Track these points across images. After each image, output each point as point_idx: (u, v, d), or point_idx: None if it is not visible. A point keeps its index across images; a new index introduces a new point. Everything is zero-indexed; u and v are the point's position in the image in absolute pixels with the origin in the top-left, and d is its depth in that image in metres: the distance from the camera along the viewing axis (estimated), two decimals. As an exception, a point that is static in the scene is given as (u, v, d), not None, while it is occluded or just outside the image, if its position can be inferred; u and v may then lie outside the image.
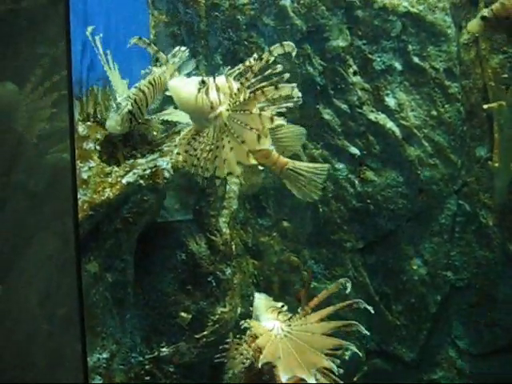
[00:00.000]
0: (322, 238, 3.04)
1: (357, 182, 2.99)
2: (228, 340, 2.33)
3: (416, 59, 2.92)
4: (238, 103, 1.95)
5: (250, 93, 1.93)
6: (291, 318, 2.29)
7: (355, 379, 2.99)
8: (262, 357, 2.10)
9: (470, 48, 2.92)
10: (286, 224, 3.05)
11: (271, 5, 2.94)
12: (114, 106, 2.33)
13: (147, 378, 2.41)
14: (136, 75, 2.50)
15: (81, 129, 2.37)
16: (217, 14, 2.97)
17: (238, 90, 1.96)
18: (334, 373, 2.17)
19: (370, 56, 2.93)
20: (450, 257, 3.01)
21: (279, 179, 2.26)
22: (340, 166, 2.99)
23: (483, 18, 2.43)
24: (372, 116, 2.95)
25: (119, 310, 2.35)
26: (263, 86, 1.91)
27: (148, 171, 2.30)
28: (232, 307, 2.54)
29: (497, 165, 2.84)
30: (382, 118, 2.95)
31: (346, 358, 2.45)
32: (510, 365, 2.98)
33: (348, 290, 2.27)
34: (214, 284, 2.50)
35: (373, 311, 2.18)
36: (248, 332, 2.26)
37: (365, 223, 3.00)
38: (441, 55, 2.91)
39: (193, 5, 2.99)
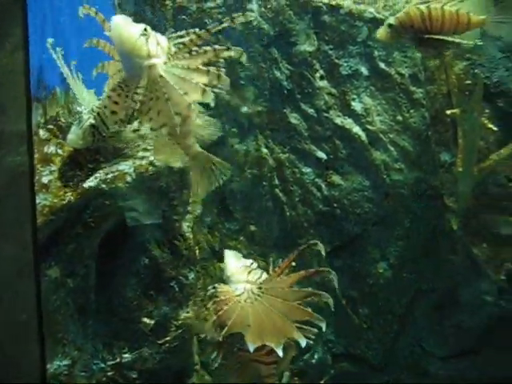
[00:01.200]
0: (289, 242, 3.03)
1: (323, 186, 3.00)
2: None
3: (382, 64, 2.94)
4: (180, 57, 1.97)
5: (191, 52, 1.96)
6: (261, 277, 2.18)
7: (322, 382, 3.00)
8: (226, 329, 1.97)
9: (435, 54, 2.96)
10: (253, 228, 3.04)
11: (239, 9, 2.93)
12: (76, 118, 2.28)
13: (109, 384, 2.39)
14: (104, 81, 2.46)
15: (42, 132, 2.34)
16: (184, 17, 2.95)
17: (175, 52, 1.99)
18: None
19: (336, 61, 2.95)
20: (415, 260, 3.04)
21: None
22: (307, 170, 3.00)
23: (390, 25, 2.46)
24: (338, 120, 2.97)
25: (81, 316, 2.32)
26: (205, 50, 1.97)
27: (110, 175, 2.28)
28: (195, 312, 2.53)
29: (461, 169, 2.88)
30: (348, 122, 2.97)
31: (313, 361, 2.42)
32: (475, 366, 3.02)
33: (323, 252, 2.18)
34: (177, 289, 2.48)
35: (331, 298, 2.05)
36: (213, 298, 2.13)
37: (331, 227, 3.01)
38: (406, 61, 2.95)
39: (160, 8, 2.97)
